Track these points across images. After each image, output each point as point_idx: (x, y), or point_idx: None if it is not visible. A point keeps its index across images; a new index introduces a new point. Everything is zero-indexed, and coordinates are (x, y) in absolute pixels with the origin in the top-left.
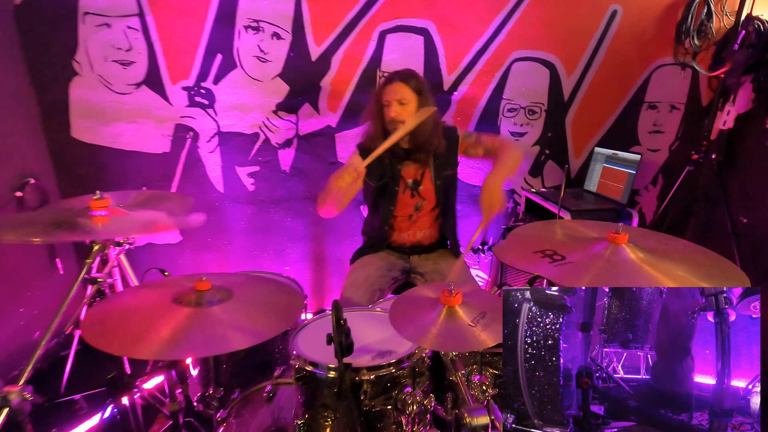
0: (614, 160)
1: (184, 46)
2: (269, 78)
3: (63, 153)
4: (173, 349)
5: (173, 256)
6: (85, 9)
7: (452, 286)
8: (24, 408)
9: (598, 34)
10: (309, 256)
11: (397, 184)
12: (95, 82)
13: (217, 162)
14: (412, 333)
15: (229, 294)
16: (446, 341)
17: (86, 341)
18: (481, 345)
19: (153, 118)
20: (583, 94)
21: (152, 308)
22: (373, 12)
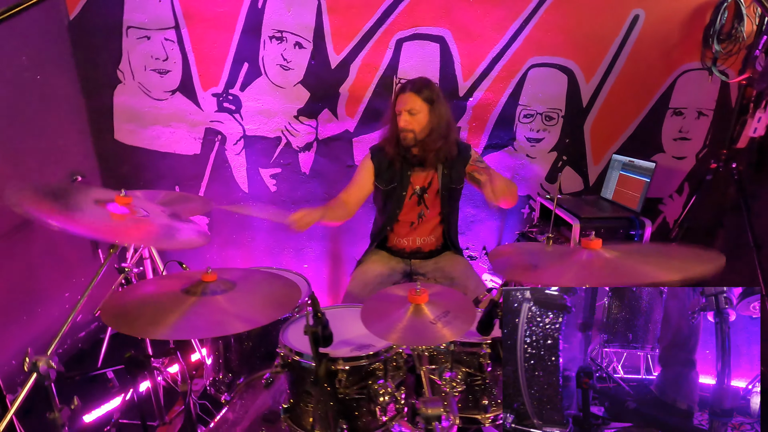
0: (630, 167)
1: (215, 55)
2: (291, 85)
3: (107, 154)
4: (178, 331)
5: (202, 250)
6: (129, 23)
7: (419, 286)
8: (50, 375)
9: (618, 39)
10: (326, 254)
11: (405, 190)
12: (136, 89)
13: (242, 163)
14: (380, 328)
15: (232, 285)
16: (409, 336)
17: (104, 322)
18: (441, 339)
19: (186, 122)
20: (602, 100)
21: (164, 296)
22: (391, 21)
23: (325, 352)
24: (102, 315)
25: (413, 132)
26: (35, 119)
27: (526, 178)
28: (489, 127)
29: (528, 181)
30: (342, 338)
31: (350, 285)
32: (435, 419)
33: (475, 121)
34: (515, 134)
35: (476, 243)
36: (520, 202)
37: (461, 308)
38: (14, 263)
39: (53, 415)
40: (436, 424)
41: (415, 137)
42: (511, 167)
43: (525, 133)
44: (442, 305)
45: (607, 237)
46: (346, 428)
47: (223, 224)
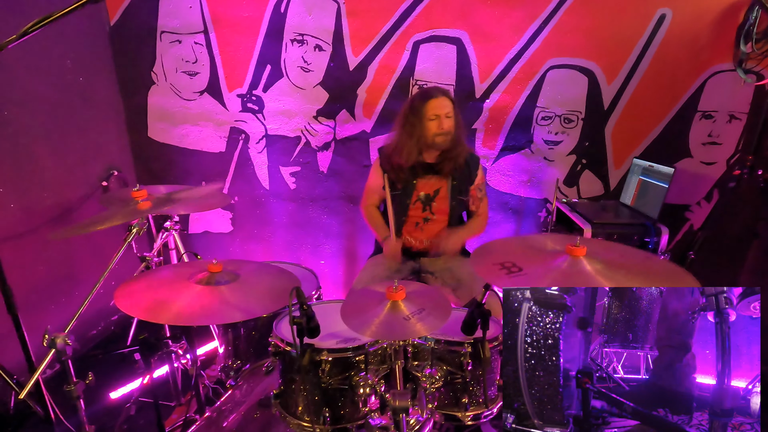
0: (649, 172)
1: (240, 58)
2: (311, 86)
3: (141, 150)
4: (183, 317)
5: (225, 243)
6: (162, 28)
7: (396, 283)
8: (66, 351)
9: (643, 39)
10: (342, 251)
11: (409, 197)
12: (168, 90)
13: (264, 162)
14: (357, 323)
15: (236, 277)
16: (382, 330)
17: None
18: (414, 334)
19: (212, 121)
20: (625, 103)
21: (173, 284)
22: (408, 23)
23: (311, 342)
24: (117, 299)
25: (450, 133)
26: (77, 117)
27: (543, 181)
28: (506, 129)
29: (545, 185)
30: (331, 331)
31: (355, 282)
32: (402, 411)
33: (491, 123)
34: (532, 137)
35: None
36: (537, 206)
37: (437, 305)
38: (54, 250)
39: (69, 387)
40: (404, 416)
41: (451, 138)
42: (527, 170)
43: (543, 136)
44: (418, 302)
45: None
46: (328, 416)
47: (245, 219)
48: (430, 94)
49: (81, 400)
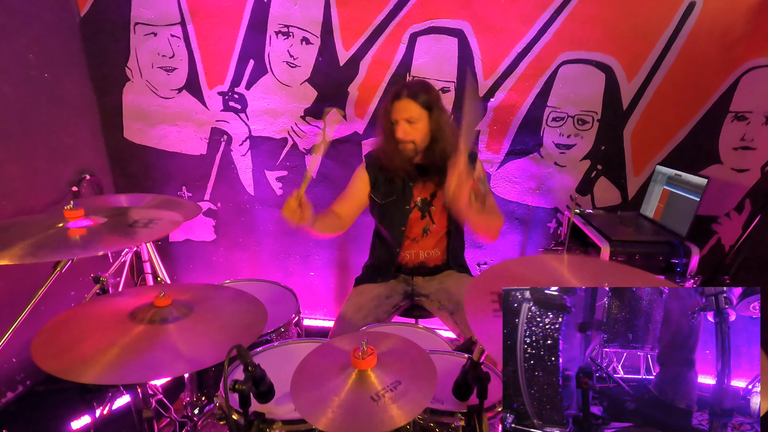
0: (676, 182)
1: (220, 52)
2: (298, 83)
3: (117, 152)
4: (114, 374)
5: (208, 252)
6: (136, 20)
7: (364, 345)
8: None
9: (668, 31)
10: (333, 262)
11: (407, 203)
12: (144, 87)
13: (248, 165)
14: (307, 403)
15: (188, 311)
16: (343, 419)
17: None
18: (387, 425)
19: (192, 121)
20: (647, 102)
21: (108, 324)
22: (404, 13)
23: (260, 411)
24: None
25: (413, 143)
26: (44, 117)
27: (554, 189)
28: (512, 131)
29: (555, 193)
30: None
31: (344, 306)
32: None
33: (496, 124)
34: (542, 139)
35: (496, 258)
36: (546, 216)
37: (418, 373)
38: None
39: None
40: None
41: (416, 148)
42: (536, 176)
43: (553, 139)
44: (394, 370)
45: (644, 265)
46: None
47: (229, 227)
48: (396, 94)
49: None
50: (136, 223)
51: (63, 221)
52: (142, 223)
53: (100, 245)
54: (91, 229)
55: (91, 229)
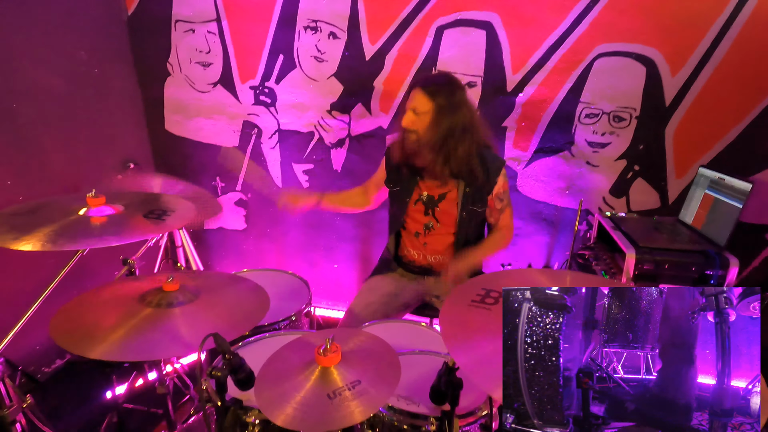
0: (718, 186)
1: (252, 47)
2: (325, 78)
3: (159, 143)
4: (117, 352)
5: (239, 241)
6: (177, 17)
7: (329, 342)
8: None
9: (721, 20)
10: (356, 255)
11: (409, 195)
12: (182, 81)
13: (276, 158)
14: (268, 399)
15: (194, 297)
16: (302, 415)
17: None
18: (346, 420)
19: (226, 114)
20: (693, 98)
21: (119, 305)
22: (431, 6)
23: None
24: (51, 328)
25: (416, 133)
26: (92, 110)
27: (585, 190)
28: (541, 127)
29: (587, 193)
30: None
31: (354, 301)
32: None
33: (524, 121)
34: (573, 137)
35: (520, 260)
36: (575, 217)
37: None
38: None
39: (2, 412)
40: None
41: (418, 140)
42: (566, 176)
43: (586, 136)
44: (358, 369)
45: (673, 276)
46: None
47: (258, 217)
48: (414, 84)
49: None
50: (150, 214)
51: (86, 207)
52: (156, 215)
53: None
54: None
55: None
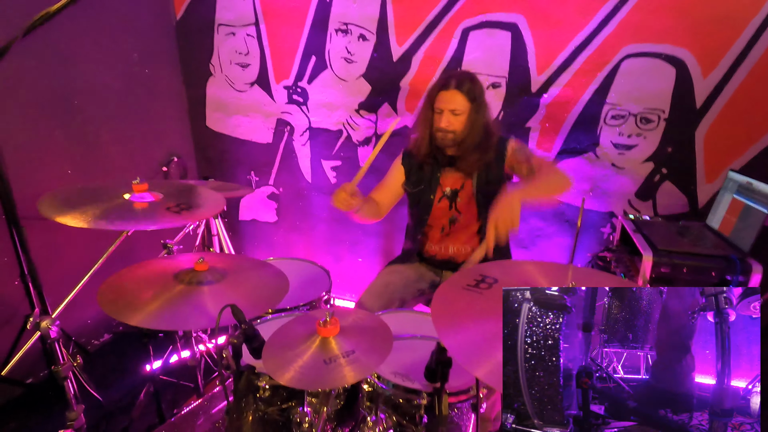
0: (746, 191)
1: (287, 49)
2: (354, 78)
3: (200, 138)
4: (152, 321)
5: (271, 233)
6: (219, 21)
7: (329, 316)
8: (50, 333)
9: (757, 19)
10: (380, 250)
11: (433, 192)
12: (223, 81)
13: (307, 154)
14: (274, 364)
15: (221, 277)
16: (303, 377)
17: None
18: (339, 381)
19: (261, 113)
20: (725, 100)
21: (156, 281)
22: (457, 8)
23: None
24: (99, 292)
25: (454, 133)
26: (142, 107)
27: (609, 192)
28: (566, 128)
29: (611, 196)
30: None
31: (365, 292)
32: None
33: (548, 121)
34: (598, 139)
35: (542, 259)
36: (600, 220)
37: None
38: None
39: (56, 368)
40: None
41: (455, 139)
42: (590, 177)
43: (612, 138)
44: (353, 340)
45: (692, 281)
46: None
47: (288, 211)
48: (444, 84)
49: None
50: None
51: (130, 193)
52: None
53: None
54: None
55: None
